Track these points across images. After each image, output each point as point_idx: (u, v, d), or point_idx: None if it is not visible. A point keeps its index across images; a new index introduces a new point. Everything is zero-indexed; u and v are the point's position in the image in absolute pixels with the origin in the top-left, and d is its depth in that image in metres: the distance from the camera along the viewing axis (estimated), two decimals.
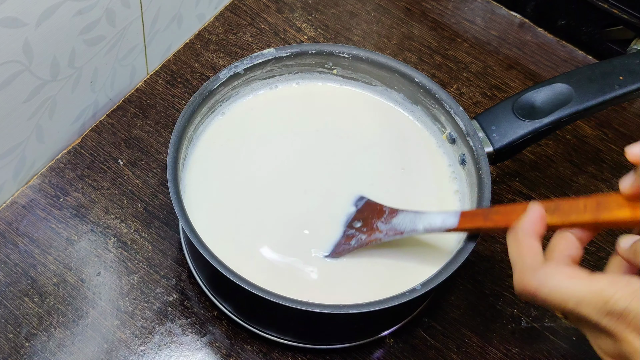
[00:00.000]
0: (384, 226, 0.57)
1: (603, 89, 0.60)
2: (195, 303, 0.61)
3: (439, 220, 0.55)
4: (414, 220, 0.56)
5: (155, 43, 0.71)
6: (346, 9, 0.80)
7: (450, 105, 0.61)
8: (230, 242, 0.58)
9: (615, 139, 0.74)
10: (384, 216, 0.57)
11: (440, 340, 0.61)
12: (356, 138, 0.64)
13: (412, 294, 0.52)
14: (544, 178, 0.71)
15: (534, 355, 0.61)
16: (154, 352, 0.59)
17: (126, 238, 0.64)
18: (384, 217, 0.57)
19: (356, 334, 0.59)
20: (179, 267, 0.63)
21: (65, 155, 0.68)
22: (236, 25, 0.77)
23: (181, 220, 0.53)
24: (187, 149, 0.60)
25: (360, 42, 0.77)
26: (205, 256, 0.52)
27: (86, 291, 0.61)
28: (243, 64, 0.62)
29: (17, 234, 0.63)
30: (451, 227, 0.54)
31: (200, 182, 0.60)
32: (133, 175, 0.67)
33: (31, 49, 0.56)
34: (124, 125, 0.70)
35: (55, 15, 0.57)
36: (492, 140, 0.60)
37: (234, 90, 0.63)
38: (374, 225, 0.57)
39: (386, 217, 0.57)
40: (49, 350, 0.58)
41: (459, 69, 0.77)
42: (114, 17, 0.63)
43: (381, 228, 0.57)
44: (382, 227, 0.57)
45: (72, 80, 0.63)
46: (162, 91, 0.72)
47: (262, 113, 0.64)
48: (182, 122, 0.58)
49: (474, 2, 0.82)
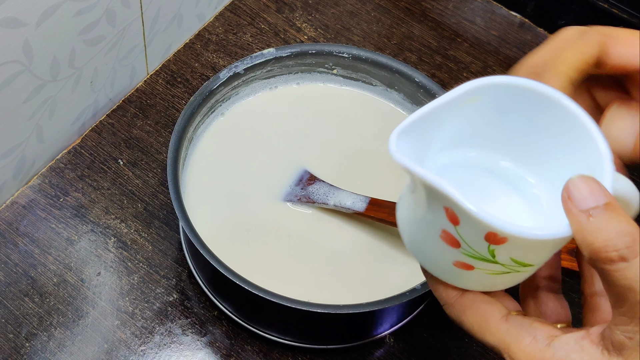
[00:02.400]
0: (300, 191, 0.60)
1: None
2: (195, 303, 0.61)
3: (349, 201, 0.58)
4: (327, 193, 0.59)
5: (155, 43, 0.71)
6: (346, 9, 0.80)
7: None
8: (230, 242, 0.58)
9: None
10: (303, 181, 0.60)
11: (440, 341, 0.61)
12: (356, 138, 0.64)
13: (412, 294, 0.52)
14: None
15: None
16: (154, 352, 0.59)
17: (126, 238, 0.64)
18: (302, 182, 0.60)
19: (356, 334, 0.59)
20: (179, 267, 0.63)
21: (65, 155, 0.68)
22: (236, 25, 0.77)
23: (181, 220, 0.53)
24: (187, 149, 0.60)
25: (360, 42, 0.77)
26: (205, 256, 0.52)
27: (86, 291, 0.61)
28: (243, 64, 0.62)
29: (17, 234, 0.63)
30: (358, 210, 0.58)
31: (200, 182, 0.60)
32: (133, 175, 0.67)
33: (31, 49, 0.56)
34: (124, 125, 0.70)
35: (55, 15, 0.57)
36: None
37: (234, 90, 0.63)
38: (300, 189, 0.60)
39: (304, 182, 0.60)
40: (49, 350, 0.58)
41: (459, 69, 0.77)
42: (114, 17, 0.64)
43: (297, 193, 0.60)
44: (298, 192, 0.60)
45: (72, 80, 0.63)
46: (162, 91, 0.72)
47: (262, 113, 0.64)
48: (182, 122, 0.58)
49: (474, 2, 0.82)
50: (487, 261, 0.36)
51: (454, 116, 0.38)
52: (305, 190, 0.60)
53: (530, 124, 0.38)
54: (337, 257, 0.58)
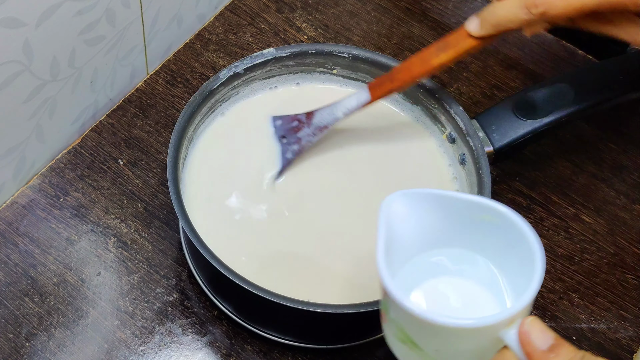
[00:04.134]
0: (308, 129, 0.61)
1: (603, 89, 0.60)
2: (196, 303, 0.61)
3: (353, 101, 0.59)
4: (332, 111, 0.60)
5: (155, 43, 0.71)
6: (346, 8, 0.80)
7: (450, 105, 0.61)
8: (231, 242, 0.58)
9: (615, 139, 0.74)
10: (302, 123, 0.61)
11: None
12: (356, 137, 0.64)
13: None
14: (544, 178, 0.71)
15: None
16: (154, 352, 0.59)
17: (126, 238, 0.64)
18: (302, 123, 0.61)
19: (356, 334, 0.59)
20: (179, 267, 0.63)
21: (65, 155, 0.68)
22: (236, 25, 0.77)
23: (181, 220, 0.53)
24: (187, 149, 0.60)
25: (360, 42, 0.77)
26: (205, 256, 0.52)
27: (86, 291, 0.61)
28: (243, 64, 0.62)
29: (17, 234, 0.63)
30: (366, 101, 0.59)
31: (201, 182, 0.60)
32: (133, 175, 0.67)
33: (31, 49, 0.56)
34: (124, 125, 0.70)
35: (55, 15, 0.57)
36: (492, 140, 0.60)
37: (234, 90, 0.63)
38: (298, 134, 0.61)
39: (306, 121, 0.61)
40: (49, 350, 0.58)
41: (459, 68, 0.77)
42: (114, 17, 0.64)
43: (306, 133, 0.61)
44: (307, 131, 0.61)
45: (72, 80, 0.63)
46: (162, 91, 0.72)
47: (262, 113, 0.64)
48: (182, 122, 0.58)
49: (474, 2, 0.82)
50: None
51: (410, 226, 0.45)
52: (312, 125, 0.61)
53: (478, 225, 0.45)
54: (338, 257, 0.58)
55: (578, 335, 0.63)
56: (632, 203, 0.70)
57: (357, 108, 0.59)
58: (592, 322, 0.63)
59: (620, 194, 0.70)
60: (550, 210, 0.69)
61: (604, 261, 0.67)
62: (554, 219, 0.68)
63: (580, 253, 0.67)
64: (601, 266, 0.66)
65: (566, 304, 0.64)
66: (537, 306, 0.63)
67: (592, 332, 0.63)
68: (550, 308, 0.64)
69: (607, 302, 0.64)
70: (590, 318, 0.63)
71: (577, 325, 0.63)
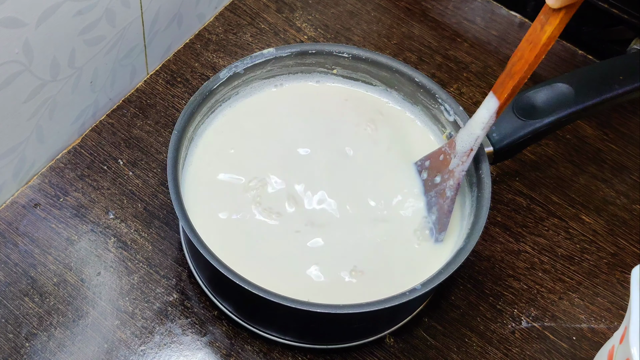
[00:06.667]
0: (456, 159, 0.58)
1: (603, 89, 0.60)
2: (196, 303, 0.61)
3: (485, 113, 0.55)
4: (470, 131, 0.57)
5: (155, 43, 0.71)
6: (346, 8, 0.80)
7: (450, 105, 0.61)
8: (230, 242, 0.58)
9: (615, 139, 0.74)
10: (449, 152, 0.58)
11: (441, 340, 0.61)
12: (356, 138, 0.64)
13: (412, 293, 0.52)
14: (544, 178, 0.71)
15: (534, 355, 0.61)
16: (154, 352, 0.59)
17: (126, 238, 0.64)
18: (449, 153, 0.58)
19: (356, 334, 0.59)
20: (179, 267, 0.63)
21: (65, 155, 0.68)
22: (236, 25, 0.77)
23: (181, 220, 0.53)
24: (187, 148, 0.60)
25: (360, 42, 0.77)
26: (205, 256, 0.52)
27: (86, 291, 0.61)
28: (243, 63, 0.62)
29: (17, 234, 0.63)
30: (497, 107, 0.55)
31: (200, 182, 0.60)
32: (133, 175, 0.67)
33: (31, 49, 0.56)
34: (124, 125, 0.70)
35: (55, 15, 0.57)
36: (492, 140, 0.60)
37: (234, 90, 0.63)
38: (449, 167, 0.58)
39: (451, 151, 0.58)
40: (49, 350, 0.58)
41: (459, 68, 0.77)
42: (114, 17, 0.64)
43: (455, 163, 0.58)
44: (456, 161, 0.58)
45: (72, 80, 0.63)
46: (162, 91, 0.72)
47: (262, 113, 0.64)
48: (182, 122, 0.58)
49: (474, 2, 0.82)
50: None
51: None
52: (456, 152, 0.58)
53: None
54: (338, 258, 0.58)
55: (578, 335, 0.63)
56: (632, 203, 0.70)
57: (491, 117, 0.56)
58: (592, 322, 0.63)
59: (620, 194, 0.70)
60: (550, 210, 0.69)
61: (604, 261, 0.67)
62: (554, 219, 0.68)
63: (580, 253, 0.67)
64: (601, 266, 0.66)
65: (566, 304, 0.64)
66: (537, 306, 0.63)
67: (592, 332, 0.63)
68: (550, 308, 0.64)
69: (607, 302, 0.64)
70: (590, 318, 0.63)
71: (577, 325, 0.63)
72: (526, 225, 0.68)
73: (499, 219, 0.68)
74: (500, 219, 0.68)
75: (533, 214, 0.68)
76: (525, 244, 0.67)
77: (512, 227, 0.67)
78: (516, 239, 0.67)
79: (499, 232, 0.67)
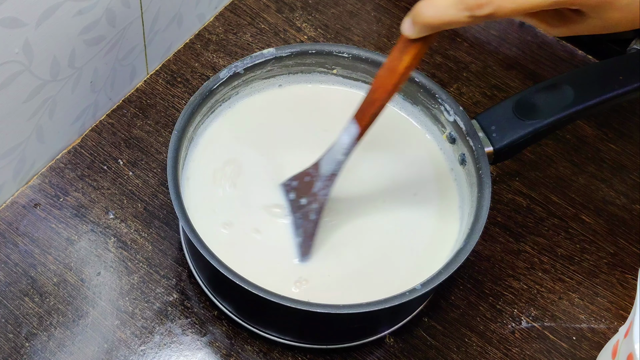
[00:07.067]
0: (319, 183, 0.57)
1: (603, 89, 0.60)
2: (196, 303, 0.61)
3: (346, 139, 0.55)
4: (332, 155, 0.56)
5: (155, 43, 0.71)
6: (346, 8, 0.80)
7: (450, 105, 0.61)
8: (230, 242, 0.58)
9: (615, 139, 0.74)
10: (314, 175, 0.58)
11: (440, 340, 0.61)
12: None
13: (412, 293, 0.52)
14: (544, 178, 0.71)
15: (533, 355, 0.61)
16: (154, 352, 0.59)
17: (126, 238, 0.64)
18: (314, 176, 0.58)
19: (356, 334, 0.59)
20: (179, 267, 0.63)
21: (65, 155, 0.68)
22: (236, 25, 0.77)
23: (181, 220, 0.53)
24: (187, 148, 0.60)
25: (360, 42, 0.77)
26: (205, 256, 0.52)
27: (86, 291, 0.61)
28: (243, 63, 0.62)
29: (17, 234, 0.63)
30: (357, 134, 0.55)
31: (200, 182, 0.60)
32: (133, 175, 0.67)
33: (31, 49, 0.56)
34: (124, 125, 0.70)
35: (55, 15, 0.57)
36: (492, 140, 0.60)
37: (234, 90, 0.63)
38: (313, 189, 0.58)
39: (315, 173, 0.58)
40: (49, 350, 0.58)
41: (459, 68, 0.77)
42: (114, 17, 0.64)
43: (319, 186, 0.57)
44: (319, 185, 0.57)
45: (72, 80, 0.63)
46: (162, 91, 0.72)
47: (262, 113, 0.64)
48: (182, 122, 0.58)
49: None
50: None
51: None
52: (320, 176, 0.57)
53: None
54: (337, 258, 0.58)
55: (578, 335, 0.63)
56: (632, 203, 0.70)
57: (352, 143, 0.55)
58: (592, 322, 0.63)
59: (620, 194, 0.70)
60: (550, 210, 0.69)
61: (603, 261, 0.67)
62: (554, 219, 0.68)
63: (580, 253, 0.67)
64: (601, 266, 0.66)
65: (566, 304, 0.64)
66: (537, 306, 0.63)
67: (592, 332, 0.63)
68: (550, 308, 0.64)
69: (607, 302, 0.64)
70: (590, 318, 0.63)
71: (577, 325, 0.63)
72: (526, 225, 0.68)
73: (499, 219, 0.68)
74: (500, 219, 0.68)
75: (533, 214, 0.68)
76: (525, 244, 0.67)
77: (512, 227, 0.67)
78: (516, 239, 0.67)
79: (499, 232, 0.67)
